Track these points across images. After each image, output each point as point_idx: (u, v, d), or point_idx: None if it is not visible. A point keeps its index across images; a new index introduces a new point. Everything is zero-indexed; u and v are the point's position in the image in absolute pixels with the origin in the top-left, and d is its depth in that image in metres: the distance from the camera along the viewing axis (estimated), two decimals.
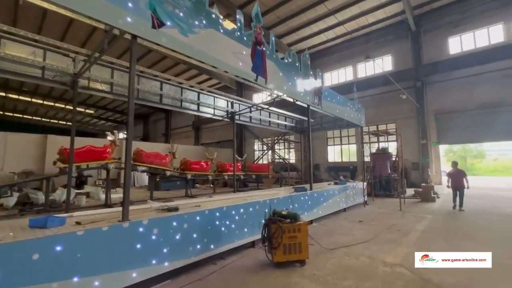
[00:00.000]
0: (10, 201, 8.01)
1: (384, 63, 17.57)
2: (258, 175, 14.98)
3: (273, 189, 8.92)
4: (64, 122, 35.03)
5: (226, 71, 4.93)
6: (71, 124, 5.72)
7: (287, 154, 22.29)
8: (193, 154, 17.94)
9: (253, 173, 14.70)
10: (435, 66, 14.82)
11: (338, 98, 9.06)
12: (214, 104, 9.19)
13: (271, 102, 9.61)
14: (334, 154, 20.29)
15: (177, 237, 3.53)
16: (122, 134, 29.96)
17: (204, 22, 4.13)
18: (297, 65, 6.62)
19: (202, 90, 8.87)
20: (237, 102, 9.93)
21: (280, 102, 10.02)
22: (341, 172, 16.63)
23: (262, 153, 22.80)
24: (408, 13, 14.52)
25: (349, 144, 19.50)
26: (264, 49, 5.34)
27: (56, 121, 35.18)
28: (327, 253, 4.48)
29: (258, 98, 21.59)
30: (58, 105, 28.01)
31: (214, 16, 4.31)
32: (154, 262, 3.22)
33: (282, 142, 21.60)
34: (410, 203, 9.93)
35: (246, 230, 4.65)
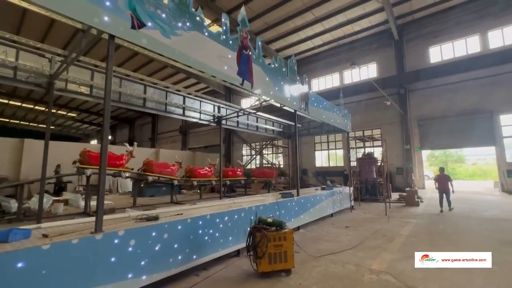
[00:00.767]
0: None
1: (369, 70, 18.05)
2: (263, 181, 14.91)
3: (260, 195, 8.81)
4: (44, 126, 33.62)
5: (213, 76, 4.82)
6: (45, 127, 5.41)
7: (275, 159, 22.29)
8: (180, 159, 17.51)
9: (259, 178, 14.55)
10: (417, 74, 15.35)
11: (324, 103, 9.11)
12: (201, 108, 9.04)
13: (258, 107, 9.57)
14: (322, 159, 20.47)
15: (156, 248, 3.33)
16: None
17: (188, 24, 4.02)
18: (284, 70, 6.58)
19: (189, 94, 8.71)
20: (224, 106, 9.81)
21: (268, 107, 10.00)
22: (329, 176, 16.75)
23: (250, 158, 22.70)
24: (391, 22, 15.03)
25: (336, 149, 19.77)
26: (250, 53, 5.27)
27: (36, 124, 33.74)
28: (313, 261, 4.40)
29: (247, 103, 21.56)
30: (38, 107, 26.89)
31: (198, 18, 4.20)
32: (130, 276, 3.01)
33: (270, 147, 21.60)
34: (395, 208, 10.09)
35: (230, 238, 4.49)
